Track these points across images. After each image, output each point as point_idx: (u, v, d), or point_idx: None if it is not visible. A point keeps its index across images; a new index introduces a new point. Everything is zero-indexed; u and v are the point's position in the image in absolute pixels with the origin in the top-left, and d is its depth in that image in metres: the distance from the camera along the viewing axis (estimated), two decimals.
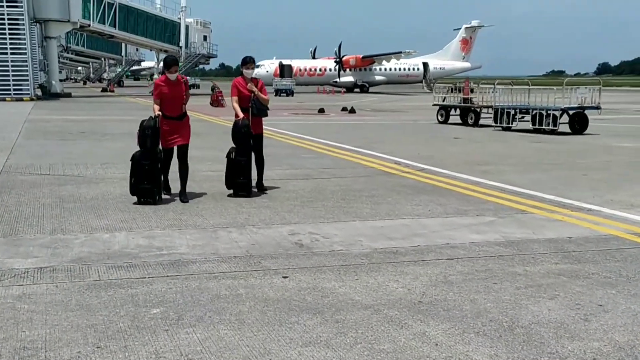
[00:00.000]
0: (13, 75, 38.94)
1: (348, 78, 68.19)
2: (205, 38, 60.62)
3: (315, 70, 68.44)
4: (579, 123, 20.20)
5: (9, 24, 39.14)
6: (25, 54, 39.34)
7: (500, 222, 7.72)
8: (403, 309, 4.80)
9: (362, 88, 68.02)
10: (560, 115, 19.76)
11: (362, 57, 67.77)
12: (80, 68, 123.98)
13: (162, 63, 9.36)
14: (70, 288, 5.19)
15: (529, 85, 22.72)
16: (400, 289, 5.26)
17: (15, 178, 10.57)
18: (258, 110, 9.24)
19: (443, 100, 25.30)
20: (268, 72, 62.00)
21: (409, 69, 71.57)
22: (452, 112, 24.39)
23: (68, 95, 45.87)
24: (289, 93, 53.91)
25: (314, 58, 72.94)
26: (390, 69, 69.86)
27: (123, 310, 4.71)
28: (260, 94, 9.30)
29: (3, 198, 8.84)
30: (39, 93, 42.54)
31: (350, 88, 67.93)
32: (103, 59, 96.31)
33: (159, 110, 8.68)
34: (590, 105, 20.22)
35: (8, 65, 38.86)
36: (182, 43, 57.23)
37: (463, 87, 24.27)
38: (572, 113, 20.18)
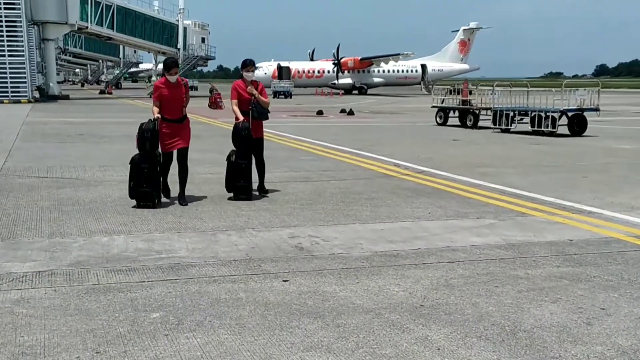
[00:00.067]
0: (11, 78, 38.94)
1: (346, 80, 68.21)
2: (204, 40, 60.72)
3: (314, 72, 68.51)
4: (578, 125, 20.19)
5: (7, 26, 39.15)
6: (23, 56, 39.33)
7: (501, 224, 7.69)
8: (404, 313, 4.77)
9: (360, 90, 68.01)
10: (559, 117, 19.75)
11: (360, 59, 67.80)
12: (78, 70, 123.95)
13: (162, 65, 9.31)
14: (69, 292, 5.15)
15: (528, 87, 22.71)
16: (402, 293, 5.23)
17: (13, 181, 10.53)
18: (258, 114, 9.16)
19: (442, 102, 25.28)
20: (266, 74, 62.04)
21: (407, 71, 71.65)
22: (451, 114, 24.38)
23: (66, 98, 45.81)
24: (287, 95, 53.93)
25: (312, 60, 73.01)
26: (389, 71, 69.93)
27: (122, 315, 4.67)
28: (261, 97, 9.20)
29: (1, 201, 8.80)
30: (37, 95, 42.47)
31: (349, 90, 67.96)
32: (101, 61, 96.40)
33: (158, 113, 8.61)
34: (589, 107, 20.22)
35: (6, 68, 38.84)
36: (180, 45, 57.23)
37: (462, 89, 24.26)
38: (571, 115, 20.17)
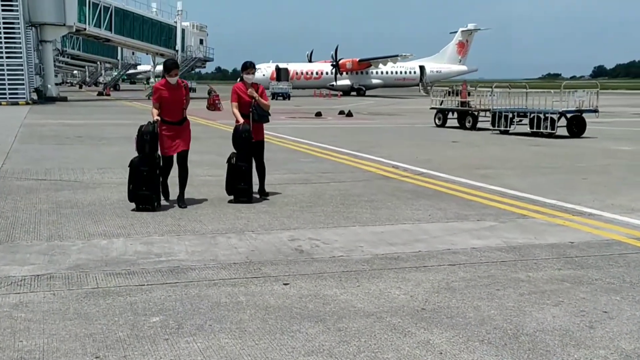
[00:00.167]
0: (8, 79, 38.85)
1: (345, 81, 68.21)
2: (202, 41, 60.72)
3: (312, 74, 68.53)
4: (577, 126, 20.18)
5: (5, 28, 39.07)
6: (21, 58, 39.25)
7: (502, 227, 7.66)
8: (406, 317, 4.74)
9: (358, 91, 68.03)
10: (558, 119, 19.74)
11: (358, 60, 67.84)
12: (76, 72, 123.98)
13: (162, 66, 9.26)
14: (68, 296, 5.12)
15: (527, 89, 22.70)
16: (403, 296, 5.20)
17: (12, 183, 10.48)
18: (259, 116, 9.11)
19: (440, 104, 25.28)
20: (265, 75, 61.98)
21: (406, 72, 71.71)
22: (449, 115, 24.37)
23: (64, 99, 45.72)
24: (286, 96, 53.92)
25: (311, 61, 73.05)
26: (387, 72, 69.96)
27: (122, 319, 4.64)
28: (261, 100, 9.16)
29: None
30: (35, 97, 42.36)
31: (347, 91, 67.97)
32: (99, 63, 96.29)
33: (158, 115, 8.57)
34: (588, 109, 20.22)
35: (4, 69, 38.75)
36: (178, 47, 57.24)
37: (460, 90, 24.24)
38: (569, 116, 20.17)
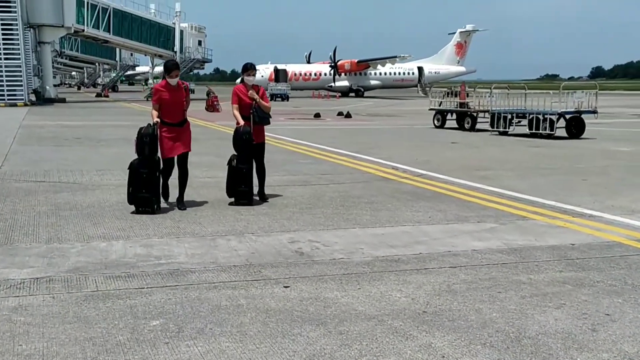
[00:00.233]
0: (7, 81, 38.78)
1: (343, 82, 68.20)
2: (200, 43, 60.69)
3: (311, 75, 68.49)
4: (576, 127, 20.16)
5: (3, 29, 39.01)
6: (19, 59, 39.19)
7: (502, 228, 7.64)
8: (407, 320, 4.72)
9: (357, 92, 68.01)
10: (557, 120, 19.72)
11: (357, 61, 67.82)
12: (75, 73, 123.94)
13: (162, 67, 9.23)
14: (68, 299, 5.09)
15: (525, 90, 22.69)
16: (404, 299, 5.17)
17: (10, 185, 10.45)
18: (260, 119, 9.07)
19: (439, 105, 25.25)
20: (263, 76, 61.94)
21: (404, 74, 71.69)
22: (448, 116, 24.34)
23: (62, 101, 45.66)
24: (284, 98, 53.90)
25: (309, 62, 73.00)
26: (385, 74, 69.93)
27: (122, 323, 4.61)
28: (262, 102, 9.12)
29: None
30: (33, 98, 42.30)
31: (346, 92, 67.96)
32: (97, 64, 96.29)
33: (158, 117, 8.52)
34: (587, 110, 20.21)
35: (2, 71, 38.66)
36: (176, 48, 57.25)
37: (459, 91, 24.22)
38: (568, 117, 20.16)
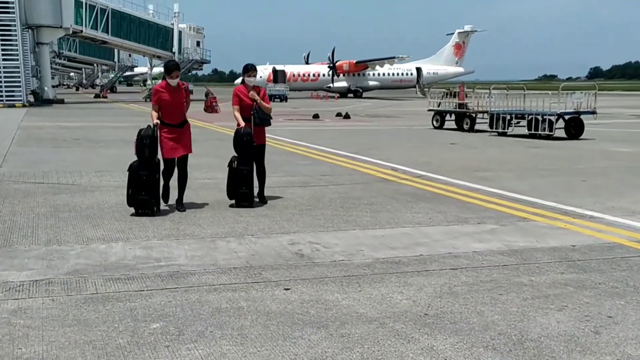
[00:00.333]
0: (5, 82, 38.73)
1: (342, 83, 68.15)
2: (199, 44, 60.62)
3: (309, 76, 68.42)
4: (575, 128, 20.17)
5: (1, 30, 38.97)
6: (17, 60, 39.14)
7: (503, 230, 7.62)
8: (409, 322, 4.69)
9: (355, 93, 67.97)
10: (556, 120, 19.71)
11: (355, 62, 67.78)
12: (73, 74, 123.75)
13: (160, 68, 9.20)
14: (67, 302, 5.06)
15: (524, 90, 22.67)
16: (405, 301, 5.15)
17: (9, 187, 10.41)
18: (260, 120, 9.03)
19: (438, 106, 25.23)
20: (261, 77, 61.84)
21: (403, 74, 71.64)
22: (447, 117, 24.33)
23: (61, 102, 45.63)
24: (283, 98, 53.85)
25: (308, 63, 72.95)
26: (384, 74, 69.89)
27: (122, 325, 4.58)
28: (263, 103, 9.09)
29: None
30: (31, 99, 42.29)
31: (344, 93, 67.91)
32: (95, 65, 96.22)
33: (158, 118, 8.48)
34: (586, 110, 20.20)
35: (0, 72, 38.61)
36: (175, 49, 57.12)
37: (458, 92, 24.21)
38: (567, 118, 20.15)
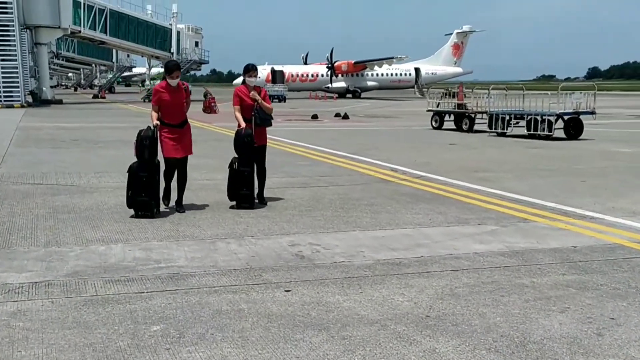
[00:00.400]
0: (3, 82, 38.73)
1: (340, 84, 68.09)
2: (197, 44, 60.51)
3: (307, 76, 68.34)
4: (574, 128, 20.16)
5: None
6: (16, 61, 39.13)
7: (503, 231, 7.60)
8: (410, 324, 4.67)
9: (354, 94, 67.93)
10: (556, 121, 19.69)
11: (354, 62, 67.70)
12: (71, 74, 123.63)
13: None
14: (67, 304, 5.03)
15: (524, 91, 22.66)
16: (407, 303, 5.13)
17: (8, 188, 10.38)
18: (261, 120, 9.00)
19: (437, 106, 25.20)
20: (260, 77, 61.81)
21: (401, 74, 71.60)
22: (446, 117, 24.31)
23: (59, 102, 45.57)
24: (281, 99, 53.82)
25: (306, 64, 72.87)
26: (382, 75, 69.84)
27: (122, 328, 4.55)
28: (264, 103, 9.05)
29: None
30: (30, 100, 42.25)
31: (343, 94, 67.86)
32: (94, 65, 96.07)
33: (157, 119, 8.44)
34: (585, 111, 20.19)
35: None
36: (173, 49, 57.04)
37: (457, 92, 24.19)
38: (567, 118, 20.14)
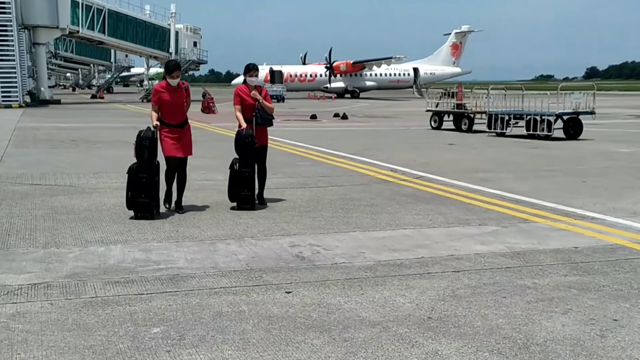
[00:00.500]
0: (1, 82, 38.68)
1: (339, 84, 68.07)
2: (195, 44, 60.42)
3: (306, 76, 68.31)
4: (574, 128, 20.15)
5: None
6: (14, 61, 39.04)
7: (504, 231, 7.57)
8: (412, 326, 4.64)
9: (352, 94, 67.92)
10: (555, 121, 19.68)
11: (352, 62, 67.66)
12: (69, 74, 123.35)
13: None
14: (66, 306, 5.00)
15: (523, 91, 22.64)
16: (408, 304, 5.10)
17: (6, 188, 10.34)
18: (263, 120, 8.96)
19: (436, 106, 25.18)
20: (258, 78, 61.75)
21: (400, 75, 71.60)
22: (445, 117, 24.29)
23: (57, 102, 45.51)
24: (280, 99, 53.73)
25: (305, 64, 72.83)
26: (381, 75, 69.83)
27: (122, 330, 4.52)
28: (265, 102, 9.02)
29: None
30: (28, 100, 42.13)
31: (341, 94, 67.85)
32: (92, 65, 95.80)
33: (157, 120, 8.39)
34: (585, 111, 20.17)
35: None
36: (172, 49, 56.95)
37: (456, 92, 24.16)
38: (566, 118, 20.12)
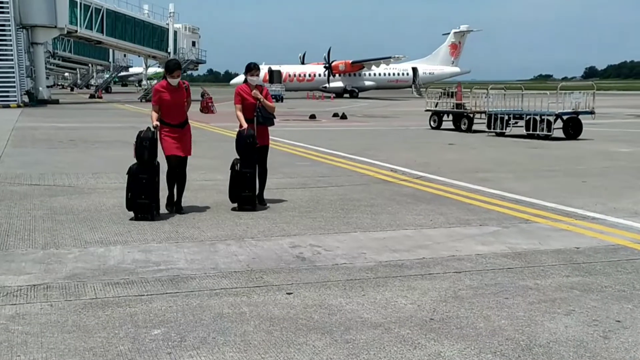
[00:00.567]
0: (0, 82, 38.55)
1: (337, 83, 68.04)
2: (194, 44, 60.33)
3: (305, 76, 68.26)
4: (573, 128, 20.13)
5: None
6: (12, 60, 38.97)
7: (505, 232, 7.55)
8: (414, 328, 4.61)
9: (351, 93, 67.90)
10: (555, 121, 19.66)
11: (351, 62, 67.63)
12: (68, 74, 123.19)
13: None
14: (66, 307, 4.97)
15: (522, 90, 22.62)
16: (410, 306, 5.07)
17: (5, 188, 10.31)
18: (264, 119, 8.92)
19: (435, 106, 25.16)
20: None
21: (399, 74, 71.58)
22: (444, 117, 24.27)
23: (55, 102, 45.42)
24: (279, 99, 53.67)
25: (304, 63, 72.78)
26: (380, 74, 69.80)
27: (122, 332, 4.49)
28: (266, 102, 8.98)
29: None
30: (26, 99, 42.08)
31: (340, 93, 67.81)
32: (90, 65, 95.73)
33: (158, 120, 8.34)
34: (584, 110, 20.16)
35: None
36: (170, 49, 56.87)
37: (456, 92, 24.14)
38: (566, 118, 20.11)
